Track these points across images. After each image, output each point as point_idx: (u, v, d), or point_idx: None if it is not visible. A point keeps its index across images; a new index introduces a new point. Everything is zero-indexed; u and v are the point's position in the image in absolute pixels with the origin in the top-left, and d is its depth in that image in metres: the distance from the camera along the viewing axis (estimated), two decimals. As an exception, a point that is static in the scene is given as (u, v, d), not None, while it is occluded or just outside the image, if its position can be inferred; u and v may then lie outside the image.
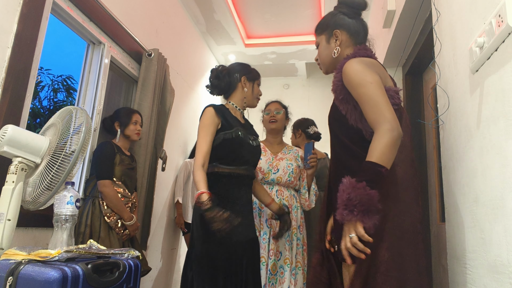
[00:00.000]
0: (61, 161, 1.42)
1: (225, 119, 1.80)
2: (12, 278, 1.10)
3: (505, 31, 0.88)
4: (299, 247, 2.15)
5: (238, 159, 1.78)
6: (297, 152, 2.36)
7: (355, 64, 1.19)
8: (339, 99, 1.25)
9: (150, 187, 2.74)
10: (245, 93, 1.90)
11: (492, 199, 0.95)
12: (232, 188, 1.75)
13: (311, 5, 3.70)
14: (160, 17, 3.14)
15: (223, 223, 1.49)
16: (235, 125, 1.81)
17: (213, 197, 1.57)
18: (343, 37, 1.35)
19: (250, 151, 1.83)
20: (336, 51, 1.34)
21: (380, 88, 1.14)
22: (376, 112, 1.11)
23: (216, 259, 1.62)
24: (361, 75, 1.16)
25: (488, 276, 0.96)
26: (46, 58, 13.02)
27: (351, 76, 1.18)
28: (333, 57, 1.36)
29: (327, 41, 1.38)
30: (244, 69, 1.94)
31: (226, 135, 1.76)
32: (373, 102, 1.12)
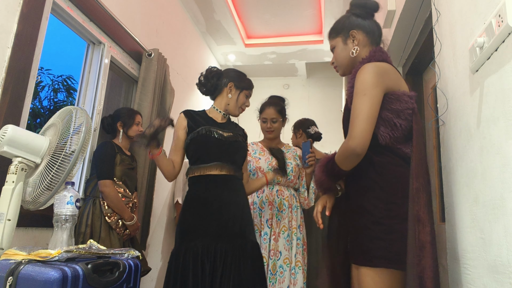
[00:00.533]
0: (61, 161, 1.42)
1: (192, 121, 1.83)
2: (12, 278, 1.10)
3: (505, 31, 0.88)
4: (299, 246, 2.15)
5: (203, 156, 1.77)
6: (295, 151, 2.36)
7: (366, 72, 1.22)
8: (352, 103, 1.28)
9: (150, 187, 2.74)
10: (228, 99, 1.90)
11: (492, 199, 0.95)
12: (206, 190, 1.74)
13: (311, 5, 3.70)
14: (160, 17, 3.14)
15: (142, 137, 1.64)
16: (203, 125, 1.81)
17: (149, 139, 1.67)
18: (360, 36, 1.36)
19: (219, 145, 1.78)
20: (355, 51, 1.35)
21: (370, 101, 1.18)
22: (352, 124, 1.19)
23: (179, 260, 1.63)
24: (362, 85, 1.20)
25: (488, 276, 0.96)
26: (46, 58, 13.02)
27: (357, 83, 1.22)
28: (351, 57, 1.37)
29: (344, 42, 1.39)
30: (235, 76, 1.93)
31: (192, 135, 1.80)
32: (355, 113, 1.19)
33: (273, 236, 2.11)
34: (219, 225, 1.69)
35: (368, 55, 1.31)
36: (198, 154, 1.79)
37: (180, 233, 1.72)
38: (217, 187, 1.74)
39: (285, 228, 2.14)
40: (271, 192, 2.20)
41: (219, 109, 1.92)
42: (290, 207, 2.18)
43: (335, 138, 4.93)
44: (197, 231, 1.68)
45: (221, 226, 1.69)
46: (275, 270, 2.07)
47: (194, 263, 1.61)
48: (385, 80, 1.22)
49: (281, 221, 2.15)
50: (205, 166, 1.76)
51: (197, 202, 1.73)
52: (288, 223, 2.16)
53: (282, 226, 2.14)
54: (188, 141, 1.81)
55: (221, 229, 1.69)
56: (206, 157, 1.77)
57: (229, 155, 1.81)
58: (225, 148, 1.80)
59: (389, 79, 1.24)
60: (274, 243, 2.10)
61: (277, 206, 2.18)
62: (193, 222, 1.70)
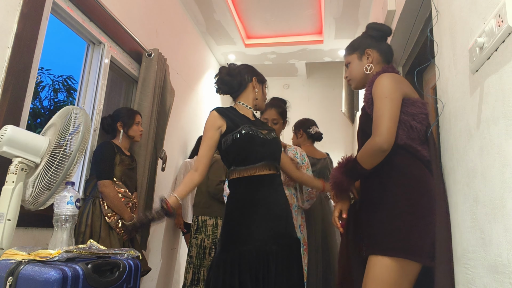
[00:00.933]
0: (59, 160, 1.42)
1: (230, 120, 1.74)
2: (12, 278, 1.10)
3: (505, 31, 0.88)
4: None
5: (250, 156, 1.69)
6: (295, 150, 2.34)
7: (385, 79, 1.33)
8: (371, 109, 1.36)
9: (150, 187, 2.74)
10: (256, 94, 1.87)
11: (492, 199, 0.95)
12: (251, 191, 1.68)
13: (311, 5, 3.70)
14: (160, 17, 3.14)
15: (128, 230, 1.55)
16: (242, 123, 1.74)
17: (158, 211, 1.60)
18: (374, 55, 1.50)
19: (262, 144, 1.73)
20: (369, 68, 1.48)
21: (392, 103, 1.28)
22: (377, 123, 1.27)
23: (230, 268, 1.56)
24: (382, 89, 1.31)
25: (488, 276, 0.96)
26: (47, 58, 13.03)
27: (376, 89, 1.33)
28: (365, 73, 1.50)
29: (359, 59, 1.52)
30: (254, 71, 1.92)
31: (234, 135, 1.71)
32: (379, 113, 1.28)
33: None
34: (268, 227, 1.64)
35: (381, 70, 1.44)
36: (245, 154, 1.70)
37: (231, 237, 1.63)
38: (265, 188, 1.69)
39: None
40: None
41: (248, 105, 1.86)
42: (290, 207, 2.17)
43: (335, 138, 4.94)
44: (250, 234, 1.61)
45: (270, 228, 1.64)
46: None
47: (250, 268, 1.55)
48: (402, 87, 1.34)
49: None
50: (254, 167, 1.69)
51: (248, 204, 1.66)
52: None
53: None
54: (230, 142, 1.71)
55: (271, 231, 1.64)
56: (254, 158, 1.69)
57: (273, 154, 1.77)
58: (268, 146, 1.75)
59: (405, 87, 1.36)
60: None
61: None
62: (246, 225, 1.63)
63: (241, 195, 1.69)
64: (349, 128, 5.15)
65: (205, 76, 4.29)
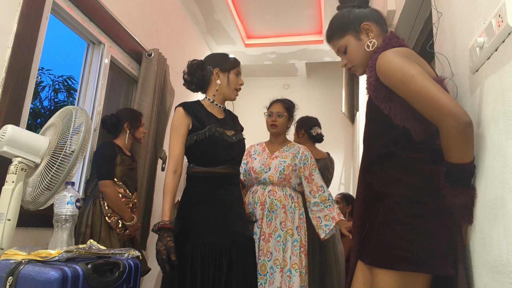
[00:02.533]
0: (61, 161, 1.42)
1: (196, 118, 1.71)
2: (12, 278, 1.10)
3: (505, 31, 0.88)
4: (296, 248, 2.11)
5: (213, 159, 1.69)
6: (297, 149, 2.31)
7: (390, 58, 1.07)
8: (379, 98, 1.13)
9: (150, 187, 2.74)
10: (219, 86, 1.79)
11: (492, 199, 0.95)
12: (210, 188, 1.70)
13: (311, 5, 3.70)
14: (160, 17, 3.14)
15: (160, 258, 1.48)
16: (209, 123, 1.71)
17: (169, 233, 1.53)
18: (373, 27, 1.22)
19: (227, 149, 1.72)
20: (372, 44, 1.20)
21: (425, 78, 1.02)
22: (431, 107, 1.00)
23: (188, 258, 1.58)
24: (401, 71, 1.05)
25: (488, 276, 0.96)
26: (47, 58, 13.04)
27: (390, 74, 1.06)
28: (368, 52, 1.22)
29: (357, 38, 1.23)
30: (217, 60, 1.83)
31: (199, 135, 1.68)
32: (423, 97, 1.01)
33: (262, 236, 2.09)
34: (224, 223, 1.67)
35: (382, 44, 1.18)
36: (207, 155, 1.70)
37: (185, 230, 1.65)
38: (222, 185, 1.72)
39: (276, 229, 2.11)
40: (263, 192, 2.19)
41: (214, 100, 1.81)
42: (283, 208, 2.14)
43: (335, 138, 4.94)
44: (203, 228, 1.65)
45: (226, 224, 1.68)
46: (264, 271, 2.04)
47: (202, 261, 1.58)
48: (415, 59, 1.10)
49: (272, 222, 2.12)
50: (213, 169, 1.70)
51: (203, 199, 1.69)
52: (280, 224, 2.12)
53: (273, 227, 2.11)
54: (193, 141, 1.69)
55: (226, 227, 1.67)
56: (216, 161, 1.70)
57: (234, 157, 1.78)
58: (231, 150, 1.75)
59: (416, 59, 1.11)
60: (263, 243, 2.07)
61: (268, 206, 2.15)
62: (200, 219, 1.66)
63: (198, 190, 1.70)
64: (349, 128, 5.15)
65: (205, 76, 4.28)
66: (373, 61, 1.13)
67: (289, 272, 2.06)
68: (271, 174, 2.20)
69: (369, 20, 1.23)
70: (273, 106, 2.38)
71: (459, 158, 1.00)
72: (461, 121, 0.96)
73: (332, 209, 2.19)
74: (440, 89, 1.00)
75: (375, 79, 1.12)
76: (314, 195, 2.23)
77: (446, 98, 0.99)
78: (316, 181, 2.26)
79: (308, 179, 2.26)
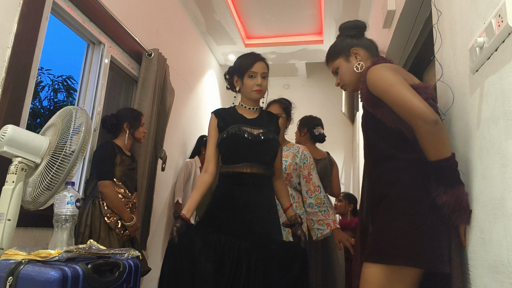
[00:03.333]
0: (61, 161, 1.42)
1: (222, 120, 1.81)
2: (12, 278, 1.10)
3: (505, 31, 0.88)
4: None
5: (233, 156, 1.75)
6: (297, 149, 2.32)
7: (376, 71, 1.22)
8: (371, 106, 1.26)
9: (150, 187, 2.74)
10: (242, 91, 1.87)
11: (492, 199, 0.95)
12: (232, 188, 1.72)
13: (311, 5, 3.70)
14: (160, 17, 3.14)
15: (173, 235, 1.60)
16: (234, 123, 1.78)
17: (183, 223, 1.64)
18: (361, 52, 1.41)
19: (247, 146, 1.74)
20: (359, 66, 1.38)
21: (401, 84, 1.15)
22: (404, 110, 1.12)
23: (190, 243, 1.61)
24: (383, 80, 1.19)
25: (488, 276, 0.96)
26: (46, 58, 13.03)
27: (375, 83, 1.21)
28: (356, 73, 1.40)
29: (347, 61, 1.43)
30: (235, 66, 1.88)
31: (222, 134, 1.78)
32: (399, 101, 1.13)
33: None
34: (244, 224, 1.67)
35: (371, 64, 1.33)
36: (228, 154, 1.77)
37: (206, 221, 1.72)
38: (244, 185, 1.72)
39: None
40: None
41: (242, 104, 1.88)
42: None
43: (335, 138, 4.94)
44: (222, 226, 1.67)
45: (246, 225, 1.67)
46: None
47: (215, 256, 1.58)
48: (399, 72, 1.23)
49: None
50: (234, 167, 1.73)
51: (225, 198, 1.72)
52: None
53: None
54: (219, 140, 1.79)
55: (246, 228, 1.67)
56: (236, 158, 1.74)
57: (259, 155, 1.76)
58: (254, 148, 1.75)
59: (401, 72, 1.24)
60: None
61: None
62: (221, 217, 1.69)
63: (223, 189, 1.76)
64: (349, 128, 5.15)
65: (205, 76, 4.29)
66: (364, 76, 1.28)
67: None
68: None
69: (359, 46, 1.42)
70: (270, 107, 2.37)
71: (435, 155, 1.09)
72: (428, 120, 1.06)
73: (327, 215, 2.19)
74: (413, 94, 1.11)
75: (366, 91, 1.25)
76: (310, 195, 2.24)
77: (416, 101, 1.09)
78: (314, 181, 2.27)
79: (307, 178, 2.27)
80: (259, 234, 1.68)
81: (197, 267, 1.57)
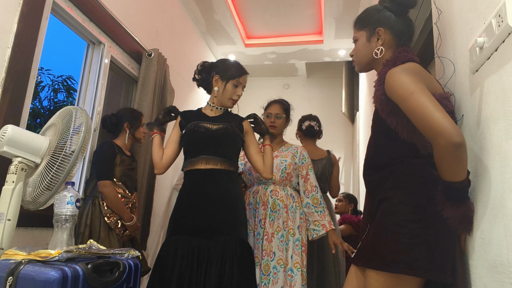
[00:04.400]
0: (61, 161, 1.42)
1: (184, 118, 1.89)
2: (12, 278, 1.10)
3: (505, 31, 0.88)
4: (297, 248, 2.12)
5: (190, 149, 1.81)
6: (295, 149, 2.33)
7: (397, 75, 1.09)
8: (386, 112, 1.14)
9: (150, 187, 2.74)
10: (215, 93, 1.88)
11: (492, 199, 0.95)
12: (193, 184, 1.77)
13: (311, 5, 3.70)
14: (160, 17, 3.14)
15: None
16: (193, 121, 1.85)
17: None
18: (387, 37, 1.24)
19: (202, 138, 1.79)
20: (379, 52, 1.23)
21: (423, 94, 1.02)
22: (424, 124, 1.00)
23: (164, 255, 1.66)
24: (403, 87, 1.06)
25: (488, 276, 0.96)
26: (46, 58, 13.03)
27: (394, 90, 1.08)
28: (373, 57, 1.25)
29: (368, 39, 1.26)
30: (220, 67, 1.88)
31: (184, 132, 1.85)
32: (419, 113, 1.01)
33: (266, 236, 2.08)
34: (202, 221, 1.70)
35: (392, 57, 1.20)
36: (186, 148, 1.84)
37: (170, 225, 1.79)
38: (202, 182, 1.75)
39: (279, 228, 2.11)
40: (265, 192, 2.19)
41: (211, 103, 1.94)
42: (285, 207, 2.15)
43: (335, 138, 4.94)
44: (181, 225, 1.72)
45: (204, 222, 1.70)
46: (268, 271, 2.04)
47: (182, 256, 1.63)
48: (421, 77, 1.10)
49: (275, 222, 2.12)
50: (192, 160, 1.79)
51: (185, 196, 1.77)
52: (283, 223, 2.13)
53: (276, 227, 2.11)
54: (180, 138, 1.86)
55: (204, 225, 1.69)
56: (193, 151, 1.80)
57: (216, 148, 1.78)
58: (210, 141, 1.78)
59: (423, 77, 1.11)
60: (266, 243, 2.07)
61: (270, 206, 2.15)
62: (179, 215, 1.75)
63: (183, 187, 1.81)
64: (349, 128, 5.15)
65: (205, 76, 4.29)
66: (383, 74, 1.15)
67: (290, 271, 2.07)
68: (273, 173, 2.21)
69: (387, 28, 1.23)
70: (271, 107, 2.39)
71: (450, 176, 0.99)
72: (452, 141, 0.94)
73: (323, 216, 2.19)
74: (437, 106, 0.99)
75: (382, 93, 1.13)
76: (307, 195, 2.25)
77: (440, 116, 0.97)
78: (311, 181, 2.28)
79: (305, 178, 2.28)
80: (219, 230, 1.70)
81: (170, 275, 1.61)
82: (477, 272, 1.03)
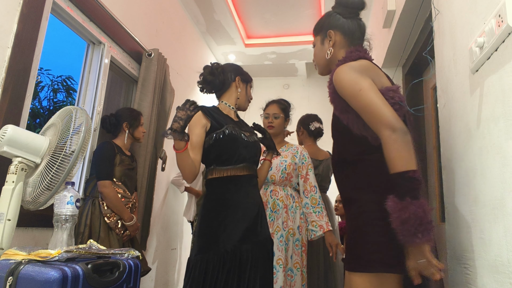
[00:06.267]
0: (61, 161, 1.42)
1: (214, 119, 1.73)
2: (12, 278, 1.10)
3: (505, 31, 0.88)
4: (297, 248, 2.13)
5: (233, 156, 1.69)
6: (296, 149, 2.32)
7: (343, 74, 1.16)
8: (338, 110, 1.21)
9: (150, 187, 2.74)
10: (238, 94, 1.86)
11: (492, 199, 0.95)
12: (232, 191, 1.68)
13: (311, 5, 3.70)
14: (160, 17, 3.14)
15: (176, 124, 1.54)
16: (226, 123, 1.74)
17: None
18: (337, 38, 1.31)
19: (245, 146, 1.74)
20: (329, 52, 1.30)
21: (371, 91, 1.10)
22: (372, 118, 1.08)
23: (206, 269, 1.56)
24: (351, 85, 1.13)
25: (488, 276, 0.96)
26: (46, 58, 13.03)
27: (342, 88, 1.15)
28: (326, 59, 1.33)
29: (321, 42, 1.35)
30: (238, 70, 1.91)
31: (218, 134, 1.69)
32: (367, 109, 1.09)
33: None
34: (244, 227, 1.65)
35: (344, 57, 1.26)
36: (227, 155, 1.69)
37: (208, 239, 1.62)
38: (242, 189, 1.70)
39: (279, 228, 2.11)
40: (265, 192, 2.19)
41: (230, 105, 1.85)
42: (285, 208, 2.15)
43: (335, 138, 4.93)
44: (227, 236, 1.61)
45: (247, 227, 1.65)
46: None
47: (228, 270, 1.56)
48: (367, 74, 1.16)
49: (275, 222, 2.13)
50: (234, 168, 1.69)
51: (226, 205, 1.65)
52: (283, 223, 2.13)
53: (275, 227, 2.12)
54: (212, 140, 1.68)
55: (248, 230, 1.65)
56: (236, 159, 1.69)
57: (254, 156, 1.78)
58: (250, 149, 1.76)
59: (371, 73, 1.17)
60: None
61: (270, 206, 2.15)
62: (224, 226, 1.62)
63: (219, 195, 1.68)
64: (349, 128, 5.14)
65: (205, 76, 4.29)
66: (332, 73, 1.20)
67: (290, 271, 2.07)
68: (272, 173, 2.21)
69: (337, 29, 1.31)
70: (269, 107, 2.39)
71: (402, 166, 1.01)
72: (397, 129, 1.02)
73: (321, 217, 2.19)
74: (383, 102, 1.07)
75: (333, 91, 1.20)
76: (306, 195, 2.25)
77: (386, 110, 1.06)
78: (311, 181, 2.28)
79: (304, 178, 2.28)
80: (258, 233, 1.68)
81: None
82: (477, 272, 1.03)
